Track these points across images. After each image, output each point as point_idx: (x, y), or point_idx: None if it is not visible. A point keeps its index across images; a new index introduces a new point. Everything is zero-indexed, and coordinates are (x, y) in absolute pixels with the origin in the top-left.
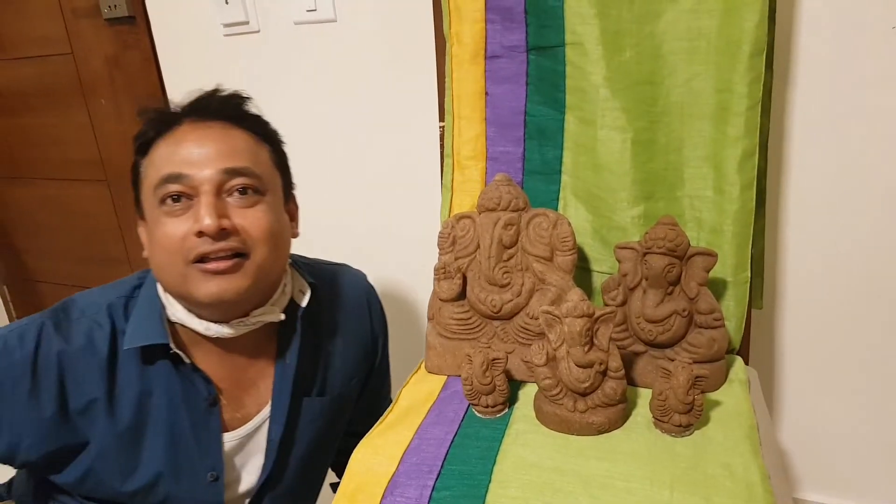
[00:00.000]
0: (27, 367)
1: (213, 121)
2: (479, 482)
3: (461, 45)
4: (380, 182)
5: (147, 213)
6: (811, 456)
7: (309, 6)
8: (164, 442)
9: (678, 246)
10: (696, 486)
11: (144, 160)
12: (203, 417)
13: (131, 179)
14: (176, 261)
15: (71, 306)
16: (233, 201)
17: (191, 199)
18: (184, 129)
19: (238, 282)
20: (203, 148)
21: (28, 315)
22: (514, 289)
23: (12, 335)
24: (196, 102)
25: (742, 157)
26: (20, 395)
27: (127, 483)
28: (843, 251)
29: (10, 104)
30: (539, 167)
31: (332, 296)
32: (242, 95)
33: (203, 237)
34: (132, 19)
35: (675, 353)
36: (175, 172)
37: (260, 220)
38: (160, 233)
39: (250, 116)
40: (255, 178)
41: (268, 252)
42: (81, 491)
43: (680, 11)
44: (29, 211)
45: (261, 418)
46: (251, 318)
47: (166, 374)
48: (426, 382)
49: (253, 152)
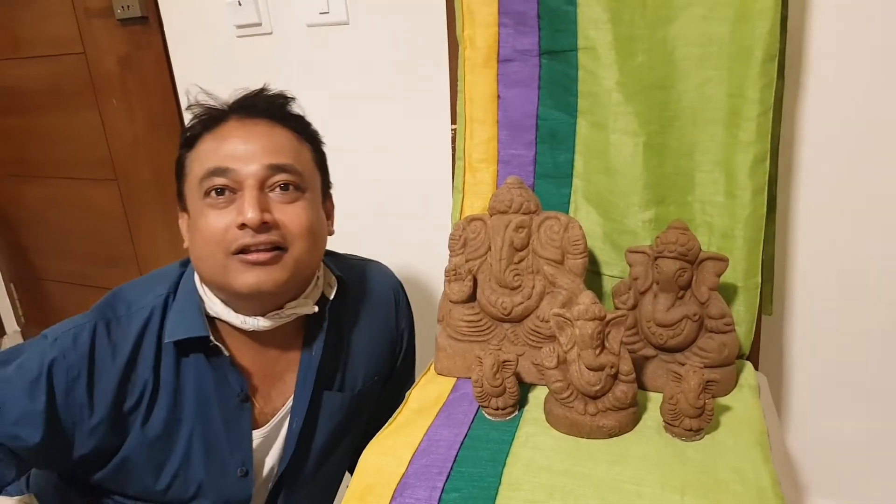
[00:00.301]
0: (83, 369)
1: (259, 118)
2: (489, 484)
3: (474, 48)
4: (391, 184)
5: (190, 205)
6: (820, 462)
7: (322, 8)
8: (196, 436)
9: (690, 250)
10: (706, 491)
11: (190, 154)
12: (235, 413)
13: (175, 172)
14: (217, 252)
15: (117, 303)
16: (274, 196)
17: (234, 192)
18: (230, 125)
19: (276, 274)
20: (248, 144)
21: (34, 313)
22: (524, 291)
23: (66, 337)
24: (243, 100)
25: (753, 162)
26: (77, 396)
27: (160, 478)
28: (852, 258)
29: (21, 103)
30: (550, 171)
31: (360, 290)
32: (287, 96)
33: (245, 229)
34: (145, 20)
35: (685, 358)
36: (221, 166)
37: (300, 216)
38: (203, 224)
39: (294, 116)
40: (297, 175)
41: (305, 247)
42: (112, 485)
43: (692, 17)
44: (38, 209)
45: (285, 411)
46: (286, 310)
47: (199, 369)
48: (436, 384)
49: (295, 150)
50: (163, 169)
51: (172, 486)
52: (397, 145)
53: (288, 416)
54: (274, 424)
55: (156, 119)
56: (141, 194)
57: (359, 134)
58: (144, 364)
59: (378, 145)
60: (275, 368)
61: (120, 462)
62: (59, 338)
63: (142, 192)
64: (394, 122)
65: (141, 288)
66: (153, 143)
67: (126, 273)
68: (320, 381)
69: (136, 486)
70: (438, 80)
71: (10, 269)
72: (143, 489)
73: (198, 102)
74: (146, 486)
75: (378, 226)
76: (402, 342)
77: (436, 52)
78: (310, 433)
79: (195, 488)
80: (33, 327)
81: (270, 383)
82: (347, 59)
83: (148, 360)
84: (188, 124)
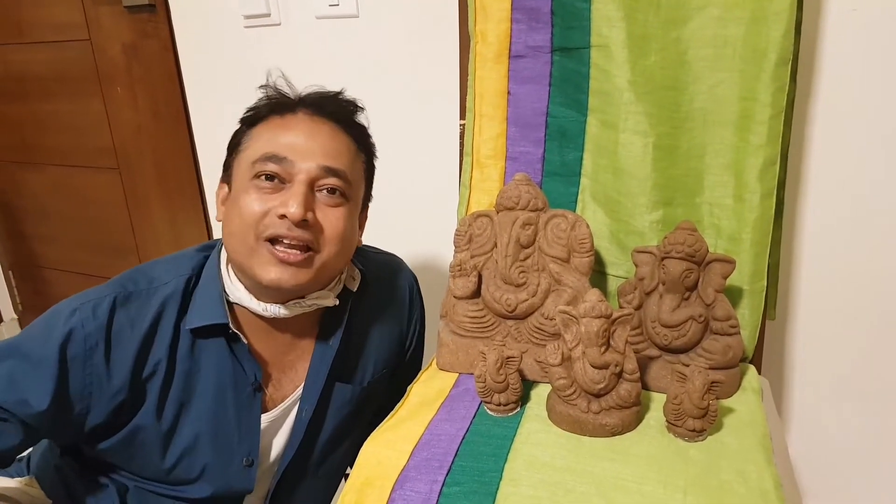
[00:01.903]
0: (101, 339)
1: (327, 119)
2: (491, 479)
3: (486, 43)
4: (398, 178)
5: (236, 179)
6: (821, 466)
7: (332, 1)
8: (207, 420)
9: (697, 251)
10: (709, 491)
11: (251, 131)
12: (247, 401)
13: (229, 143)
14: (249, 233)
15: (139, 277)
16: (320, 198)
17: (284, 182)
18: (299, 117)
19: (301, 275)
20: (310, 140)
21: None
22: (529, 288)
23: (86, 308)
24: (316, 96)
25: (763, 165)
26: (95, 365)
27: (165, 457)
28: (856, 264)
29: (25, 89)
30: (559, 169)
31: (379, 284)
32: (358, 105)
33: (284, 220)
34: (152, 7)
35: (689, 359)
36: (279, 154)
37: (338, 222)
38: (244, 202)
39: (358, 125)
40: (347, 183)
41: (335, 252)
42: (118, 459)
43: (707, 18)
44: (39, 197)
45: (293, 398)
46: (307, 300)
47: (217, 354)
48: (438, 379)
49: (351, 158)
50: (165, 159)
51: (177, 467)
52: (405, 140)
53: (297, 404)
54: (282, 410)
55: (160, 109)
56: (143, 184)
57: None
58: (161, 342)
59: (385, 139)
60: (288, 356)
61: (130, 435)
62: (79, 308)
63: (144, 182)
64: (402, 117)
65: (164, 266)
66: (157, 133)
67: (126, 263)
68: (334, 372)
69: (142, 462)
70: (448, 75)
71: (8, 257)
72: (149, 466)
73: (273, 85)
74: (152, 463)
75: (383, 220)
76: (413, 336)
77: (446, 47)
78: (318, 423)
79: (199, 471)
80: (31, 315)
81: (282, 370)
82: (356, 53)
83: (165, 340)
84: (256, 102)
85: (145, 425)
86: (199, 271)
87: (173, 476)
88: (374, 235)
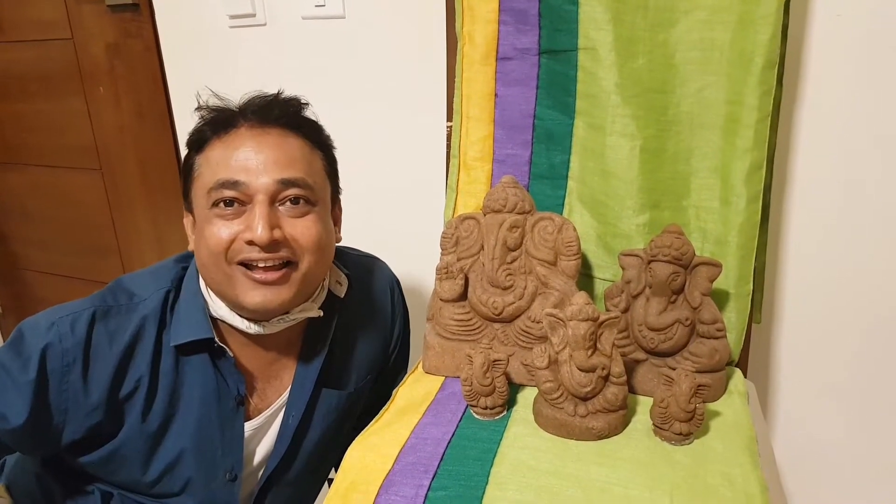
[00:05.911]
0: (79, 354)
1: (272, 126)
2: (476, 483)
3: (473, 45)
4: (384, 181)
5: (196, 209)
6: (806, 470)
7: (318, 1)
8: (190, 435)
9: (684, 255)
10: (695, 495)
11: (199, 157)
12: (230, 414)
13: (182, 171)
14: (220, 261)
15: (119, 292)
16: (284, 210)
17: (244, 205)
18: (242, 132)
19: (283, 294)
20: (261, 154)
21: (12, 304)
22: (516, 291)
23: (64, 322)
24: (256, 106)
25: (750, 169)
26: (72, 381)
27: (148, 471)
28: (842, 268)
29: (5, 88)
30: (546, 171)
31: (363, 289)
32: (301, 102)
33: (252, 246)
34: (136, 7)
35: (676, 362)
36: (231, 179)
37: (310, 230)
38: (209, 232)
39: (307, 122)
40: (308, 190)
41: (315, 261)
42: (101, 472)
43: (694, 21)
44: (19, 197)
45: (278, 405)
46: (291, 314)
47: (202, 368)
48: (423, 383)
49: (307, 161)
50: (148, 159)
51: (160, 481)
52: (391, 142)
53: (281, 411)
54: (266, 418)
55: (143, 109)
56: (125, 185)
57: (352, 129)
58: (142, 358)
59: (371, 141)
60: (273, 366)
61: (112, 450)
62: (57, 322)
63: (126, 183)
64: (388, 119)
65: (142, 280)
66: (139, 134)
67: (108, 265)
68: (321, 377)
69: (125, 476)
70: (435, 77)
71: None
72: (131, 480)
73: (206, 105)
74: (134, 477)
75: (369, 222)
76: (398, 338)
77: (433, 48)
78: (304, 430)
79: (182, 485)
80: (12, 318)
81: (266, 380)
82: (342, 54)
83: (145, 355)
84: (197, 125)
85: (127, 440)
86: (179, 284)
87: (156, 489)
88: (360, 237)
